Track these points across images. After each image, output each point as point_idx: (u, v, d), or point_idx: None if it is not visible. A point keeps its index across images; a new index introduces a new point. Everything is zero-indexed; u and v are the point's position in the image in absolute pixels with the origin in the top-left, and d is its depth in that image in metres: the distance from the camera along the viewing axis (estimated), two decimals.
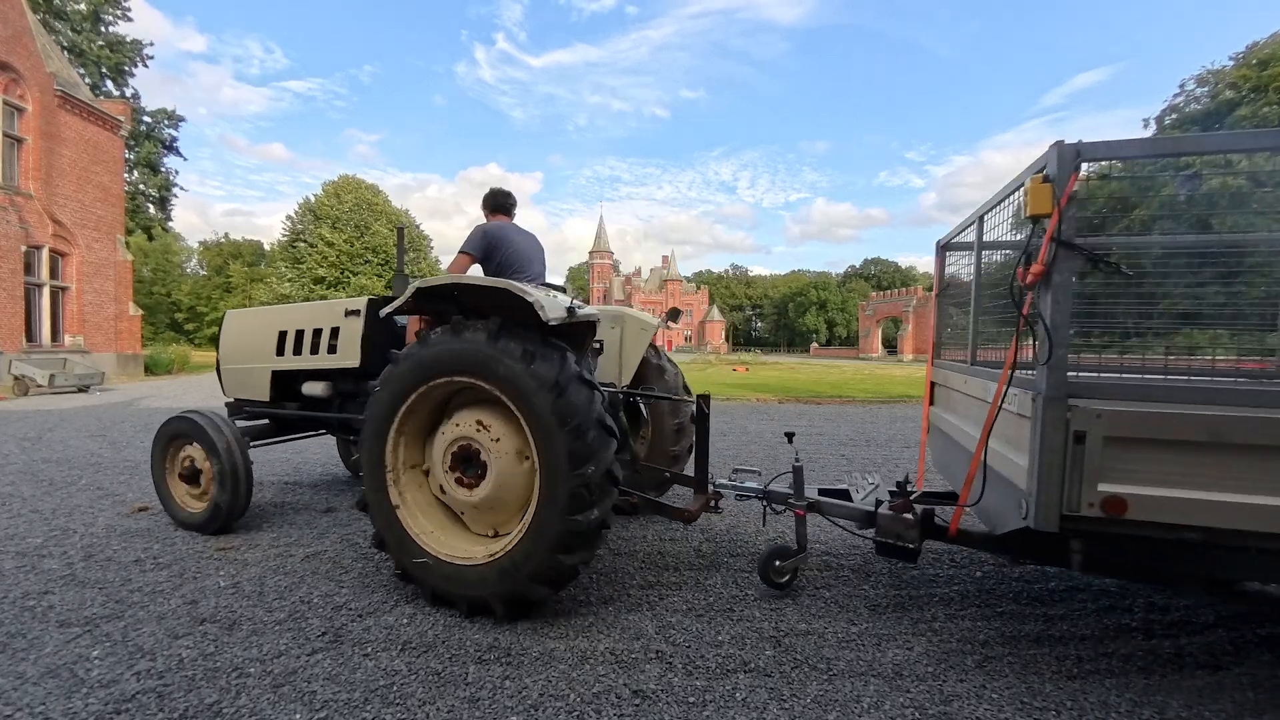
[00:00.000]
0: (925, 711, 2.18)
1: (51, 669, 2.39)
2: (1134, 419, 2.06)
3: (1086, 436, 2.08)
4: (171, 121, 29.51)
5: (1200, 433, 2.00)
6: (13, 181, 16.04)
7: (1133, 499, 2.05)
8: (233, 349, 4.67)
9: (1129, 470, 2.07)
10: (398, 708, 2.17)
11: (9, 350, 15.20)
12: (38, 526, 4.17)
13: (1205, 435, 1.99)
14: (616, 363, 4.20)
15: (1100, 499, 2.07)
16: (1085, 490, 2.09)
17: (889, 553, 2.95)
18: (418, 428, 3.15)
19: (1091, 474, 2.08)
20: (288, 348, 4.31)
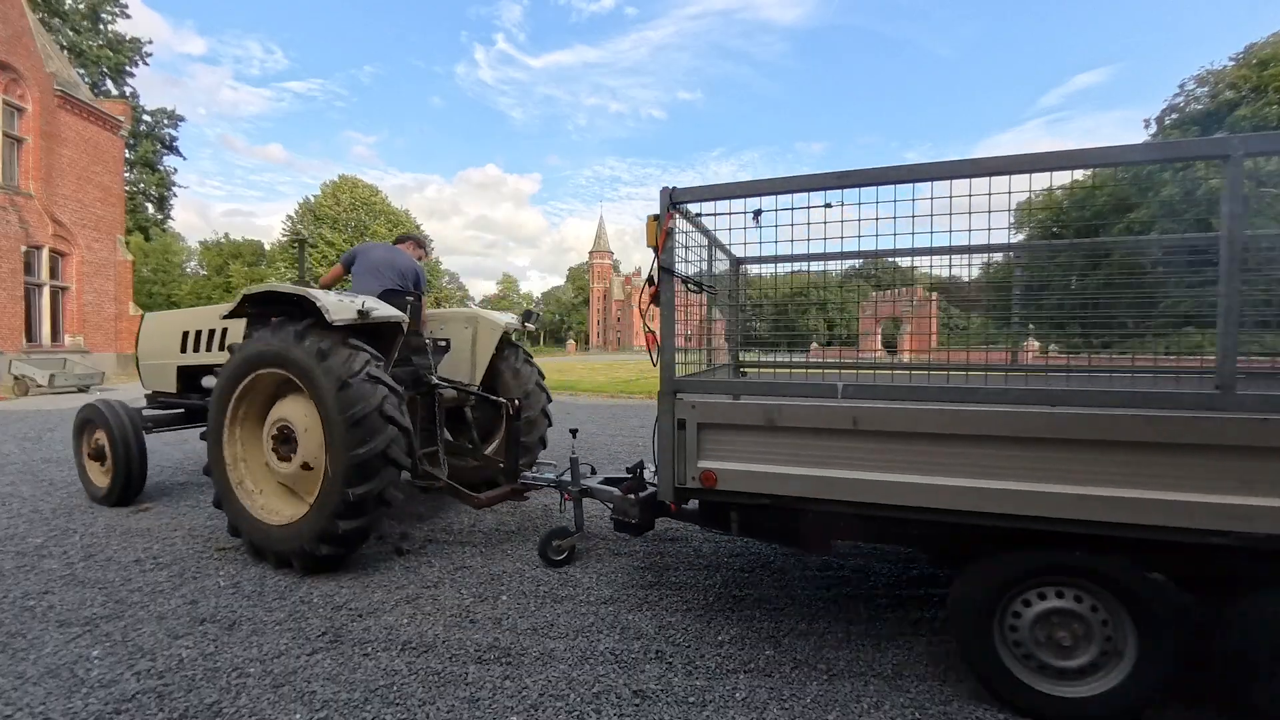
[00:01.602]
0: (925, 711, 2.18)
1: (51, 669, 2.39)
2: (717, 408, 2.52)
3: (686, 424, 2.52)
4: (171, 121, 29.49)
5: (759, 418, 2.43)
6: (13, 181, 16.05)
7: (720, 473, 2.51)
8: (148, 347, 5.30)
9: (717, 450, 2.52)
10: (398, 708, 2.17)
11: (9, 350, 15.20)
12: (38, 526, 4.17)
13: (763, 420, 2.42)
14: (469, 360, 4.65)
15: (699, 473, 2.53)
16: (689, 467, 2.54)
17: (620, 528, 3.27)
18: (254, 409, 3.74)
19: (692, 454, 2.53)
20: (189, 346, 4.87)
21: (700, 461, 2.53)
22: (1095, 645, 2.12)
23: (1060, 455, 2.07)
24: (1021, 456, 2.11)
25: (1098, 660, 2.12)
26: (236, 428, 3.72)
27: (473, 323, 4.71)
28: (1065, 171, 2.21)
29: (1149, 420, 1.97)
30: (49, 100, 16.81)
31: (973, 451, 2.16)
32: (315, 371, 3.25)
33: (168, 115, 29.37)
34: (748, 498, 2.52)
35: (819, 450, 2.36)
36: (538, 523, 4.34)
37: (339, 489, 3.17)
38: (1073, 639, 2.13)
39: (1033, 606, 2.18)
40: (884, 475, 2.27)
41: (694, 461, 2.53)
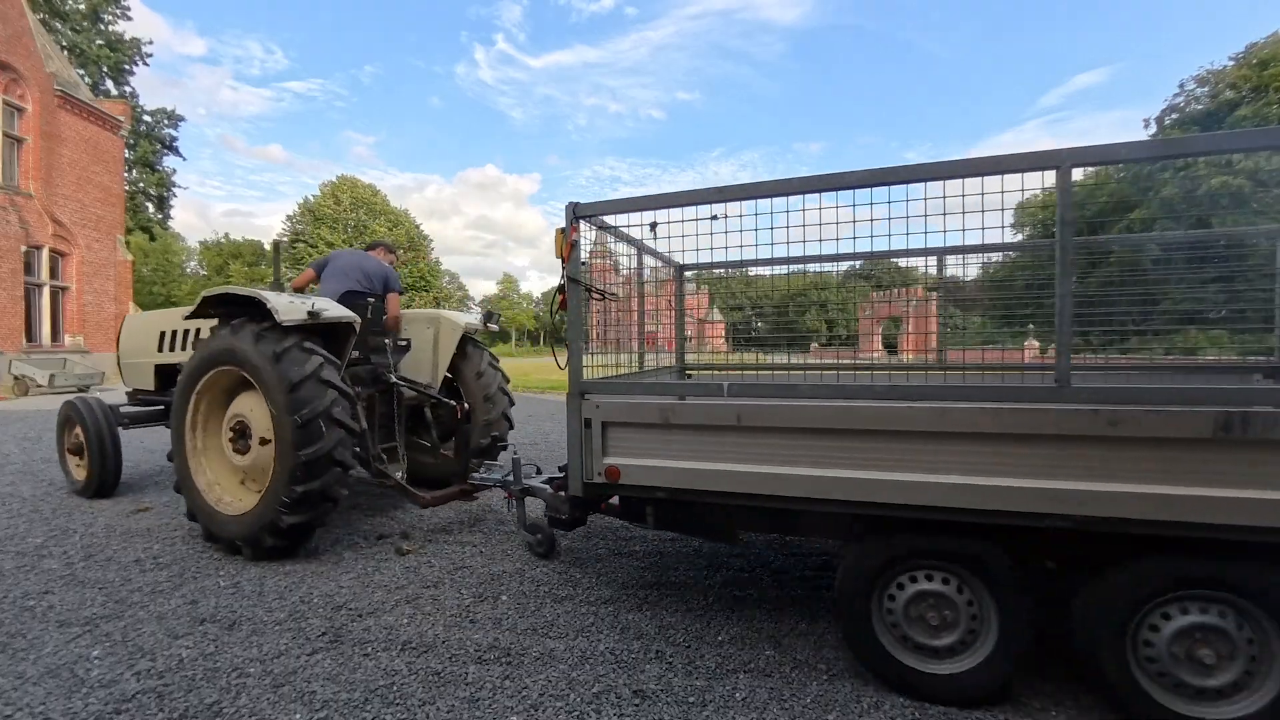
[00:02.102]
0: (925, 711, 2.18)
1: (51, 669, 2.39)
2: (619, 408, 2.67)
3: (592, 422, 2.68)
4: (171, 121, 29.47)
5: (656, 416, 2.58)
6: (13, 181, 16.05)
7: (623, 468, 2.66)
8: (128, 346, 5.51)
9: (620, 446, 2.68)
10: (398, 708, 2.17)
11: (9, 350, 15.21)
12: (38, 526, 4.17)
13: (659, 418, 2.58)
14: (430, 360, 4.83)
15: (604, 468, 2.68)
16: (595, 462, 2.70)
17: (554, 524, 3.44)
18: (214, 404, 3.96)
19: (597, 450, 2.69)
20: (165, 345, 5.06)
21: (605, 458, 2.69)
22: (960, 622, 2.25)
23: (918, 446, 2.21)
24: (886, 448, 2.25)
25: (965, 638, 2.25)
26: (198, 421, 3.96)
27: (434, 323, 4.88)
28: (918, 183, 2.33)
29: (992, 412, 2.11)
30: (49, 100, 16.81)
31: (840, 444, 2.32)
32: (266, 371, 3.42)
33: (167, 115, 29.36)
34: (644, 490, 2.69)
35: (709, 445, 2.52)
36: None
37: (284, 485, 3.37)
38: (941, 619, 2.26)
39: (905, 589, 2.31)
40: (766, 468, 2.42)
41: (599, 457, 2.69)
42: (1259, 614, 1.93)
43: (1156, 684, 2.02)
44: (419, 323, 4.94)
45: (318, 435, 3.37)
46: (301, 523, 3.47)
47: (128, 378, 5.56)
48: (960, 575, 2.27)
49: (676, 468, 2.57)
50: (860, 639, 2.37)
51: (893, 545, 2.34)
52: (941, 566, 2.29)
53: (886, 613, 2.35)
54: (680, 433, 2.57)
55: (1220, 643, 1.95)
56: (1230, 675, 1.95)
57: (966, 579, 2.25)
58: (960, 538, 2.25)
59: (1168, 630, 2.01)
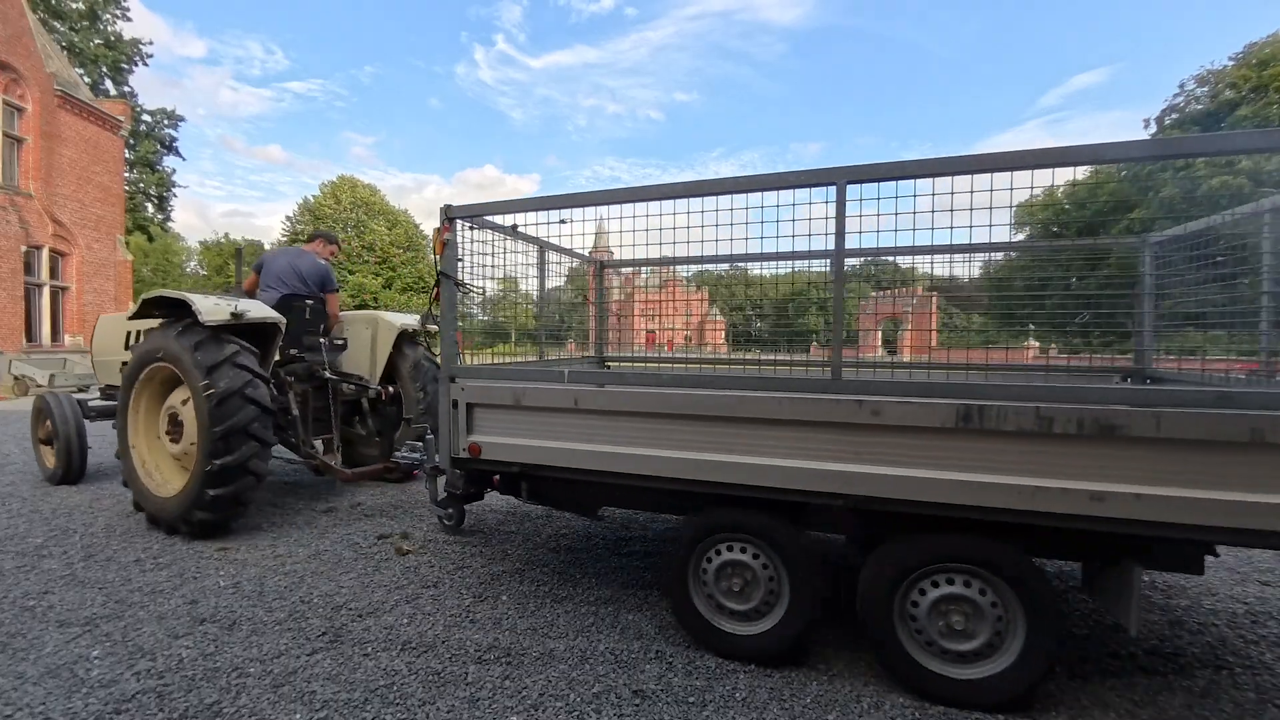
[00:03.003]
0: (925, 711, 2.18)
1: (51, 669, 2.39)
2: (480, 391, 2.96)
3: (458, 404, 2.98)
4: (171, 121, 29.43)
5: (510, 399, 2.87)
6: (13, 181, 16.03)
7: (483, 444, 2.96)
8: (99, 345, 5.87)
9: (481, 426, 2.99)
10: (398, 708, 2.17)
11: (9, 350, 15.20)
12: (38, 526, 4.17)
13: (513, 401, 2.87)
14: (369, 357, 5.23)
15: (468, 445, 2.98)
16: (460, 440, 3.00)
17: (452, 499, 3.70)
18: (154, 398, 4.34)
19: (463, 429, 2.99)
20: (130, 343, 5.27)
21: (469, 436, 2.99)
22: (760, 589, 2.52)
23: (721, 430, 2.47)
24: (695, 431, 2.52)
25: (767, 600, 2.52)
26: (139, 413, 4.34)
27: (372, 324, 5.29)
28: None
29: (779, 401, 2.36)
30: (49, 100, 16.79)
31: (660, 427, 2.57)
32: (187, 361, 3.81)
33: (167, 115, 29.32)
34: (501, 465, 2.98)
35: (553, 425, 2.80)
36: (539, 524, 4.34)
37: (206, 463, 3.70)
38: (744, 586, 2.54)
39: (721, 557, 2.58)
40: (601, 447, 2.68)
41: (464, 435, 3.00)
42: (1003, 586, 2.18)
43: (920, 647, 2.29)
44: (358, 323, 5.34)
45: (232, 411, 3.71)
46: (224, 495, 3.76)
47: (100, 375, 5.96)
48: (759, 547, 2.54)
49: (527, 445, 2.86)
50: (679, 603, 2.66)
51: (705, 520, 2.62)
52: (743, 539, 2.56)
53: (701, 579, 2.63)
54: (529, 414, 2.85)
55: (970, 611, 2.22)
56: (979, 640, 2.21)
57: (764, 550, 2.53)
58: (756, 513, 2.51)
59: (928, 600, 2.27)
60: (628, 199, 2.80)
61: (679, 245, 3.02)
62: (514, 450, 2.90)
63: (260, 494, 5.02)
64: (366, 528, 4.22)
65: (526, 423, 2.86)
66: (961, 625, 2.21)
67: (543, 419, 2.81)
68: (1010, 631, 2.19)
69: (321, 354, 4.78)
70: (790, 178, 2.45)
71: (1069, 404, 2.03)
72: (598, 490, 3.00)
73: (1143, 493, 1.95)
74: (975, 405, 2.08)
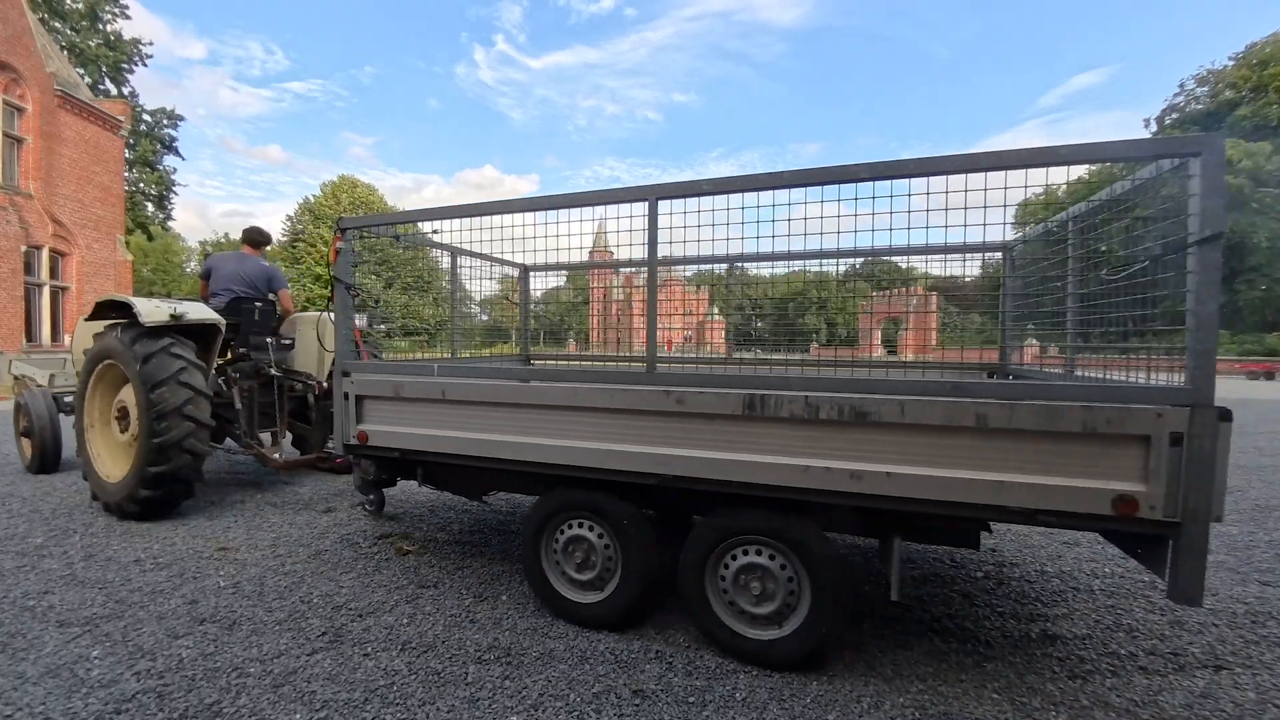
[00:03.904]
0: (925, 711, 2.18)
1: (51, 669, 2.39)
2: (365, 384, 3.25)
3: (349, 396, 3.28)
4: (171, 121, 29.43)
5: (390, 391, 3.16)
6: (13, 181, 16.03)
7: (370, 432, 3.25)
8: (78, 346, 6.03)
9: (369, 416, 3.28)
10: (398, 708, 2.17)
11: (9, 350, 15.19)
12: (38, 526, 4.17)
13: (392, 392, 3.16)
14: (316, 355, 5.43)
15: (357, 433, 3.27)
16: (351, 428, 3.29)
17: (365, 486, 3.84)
18: (106, 394, 4.74)
19: (353, 419, 3.28)
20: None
21: (358, 425, 3.28)
22: (599, 561, 2.78)
23: (559, 418, 2.73)
24: (541, 419, 2.77)
25: (605, 573, 2.77)
26: (94, 408, 4.76)
27: (317, 324, 5.50)
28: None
29: (604, 392, 2.62)
30: (49, 100, 16.79)
31: (512, 416, 2.85)
32: (127, 355, 4.17)
33: (167, 115, 29.32)
34: (385, 451, 3.25)
35: (427, 414, 3.09)
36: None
37: (145, 447, 4.06)
38: (584, 555, 2.81)
39: (567, 533, 2.84)
40: (467, 434, 2.95)
41: (354, 424, 3.28)
42: (793, 557, 2.43)
43: (727, 611, 2.55)
44: (306, 323, 5.55)
45: (167, 395, 4.07)
46: (164, 472, 4.11)
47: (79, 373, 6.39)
48: (598, 523, 2.79)
49: (405, 432, 3.15)
50: (532, 572, 2.92)
51: (553, 499, 2.88)
52: (585, 517, 2.82)
53: (550, 552, 2.91)
54: (406, 404, 3.14)
55: (767, 579, 2.47)
56: (775, 605, 2.46)
57: (601, 526, 2.77)
58: (595, 492, 2.76)
59: (733, 568, 2.53)
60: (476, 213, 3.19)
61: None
62: (394, 437, 3.19)
63: (261, 494, 5.05)
64: (366, 528, 4.22)
65: (404, 412, 3.16)
66: (759, 591, 2.48)
67: (418, 409, 3.11)
68: (800, 597, 2.44)
69: (268, 353, 5.10)
70: (608, 194, 2.74)
71: (831, 393, 2.28)
72: (473, 474, 3.24)
73: (892, 471, 2.19)
74: (758, 394, 2.35)
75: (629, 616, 2.73)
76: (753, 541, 2.50)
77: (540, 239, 3.25)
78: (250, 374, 5.01)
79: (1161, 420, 1.91)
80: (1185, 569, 1.94)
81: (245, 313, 5.03)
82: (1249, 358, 28.84)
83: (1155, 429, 1.92)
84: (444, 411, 3.03)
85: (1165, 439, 1.91)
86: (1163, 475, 1.91)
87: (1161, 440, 1.91)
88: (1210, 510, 1.90)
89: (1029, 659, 2.56)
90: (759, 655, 2.45)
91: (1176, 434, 1.90)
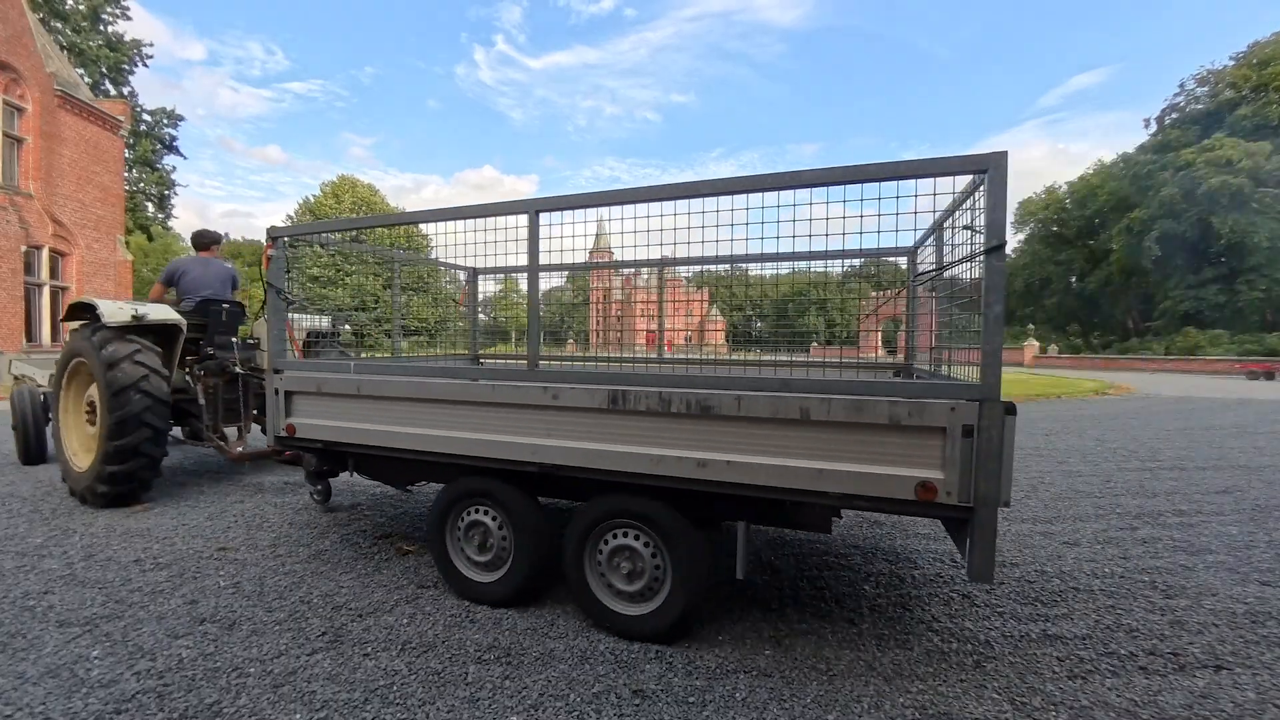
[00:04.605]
0: (925, 711, 2.18)
1: (51, 669, 2.39)
2: (293, 380, 3.48)
3: (279, 392, 3.50)
4: (171, 121, 29.41)
5: (313, 386, 3.41)
6: (13, 181, 16.03)
7: (297, 425, 3.48)
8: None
9: (295, 410, 3.51)
10: (398, 708, 2.17)
11: (9, 350, 15.19)
12: (38, 526, 4.17)
13: (315, 388, 3.41)
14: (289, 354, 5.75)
15: (285, 426, 3.49)
16: (280, 421, 3.51)
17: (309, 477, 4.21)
18: (78, 388, 5.09)
19: (282, 413, 3.51)
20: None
21: (286, 418, 3.51)
22: (495, 543, 3.00)
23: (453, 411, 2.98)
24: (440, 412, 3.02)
25: (500, 554, 3.00)
26: (68, 404, 5.12)
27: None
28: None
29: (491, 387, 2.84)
30: (49, 100, 16.78)
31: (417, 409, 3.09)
32: (94, 357, 4.42)
33: (167, 115, 29.29)
34: (309, 442, 3.49)
35: (345, 409, 3.33)
36: None
37: (107, 443, 4.35)
38: (482, 538, 3.04)
39: (468, 518, 3.08)
40: (381, 426, 3.20)
41: (283, 418, 3.51)
42: (657, 539, 2.64)
43: (604, 589, 2.76)
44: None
45: (128, 400, 4.34)
46: (119, 471, 4.41)
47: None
48: (492, 509, 3.01)
49: (326, 425, 3.38)
50: (438, 556, 3.15)
51: (455, 487, 3.10)
52: (482, 503, 3.04)
53: (454, 536, 3.13)
54: (328, 399, 3.38)
55: (636, 560, 2.68)
56: (643, 583, 2.67)
57: (496, 511, 3.00)
58: (490, 480, 2.98)
59: (607, 550, 2.74)
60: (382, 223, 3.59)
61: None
62: (317, 429, 3.43)
63: (261, 494, 5.05)
64: (366, 528, 4.22)
65: (325, 407, 3.40)
66: (629, 570, 2.70)
67: (337, 403, 3.35)
68: (664, 576, 2.64)
69: (233, 351, 5.39)
70: (490, 208, 2.99)
71: (683, 389, 2.47)
72: (396, 465, 3.43)
73: (732, 460, 2.38)
74: (621, 390, 2.55)
75: (521, 595, 2.95)
76: (622, 525, 2.71)
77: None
78: (216, 371, 5.28)
79: (955, 413, 2.08)
80: (978, 550, 2.09)
81: (214, 313, 5.35)
82: (1249, 358, 28.83)
83: (950, 421, 2.08)
84: (358, 406, 3.28)
85: (959, 430, 2.07)
86: (957, 463, 2.08)
87: (955, 431, 2.08)
88: (999, 496, 2.05)
89: (1029, 659, 2.56)
90: (631, 630, 2.66)
91: (968, 426, 2.06)
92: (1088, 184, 46.04)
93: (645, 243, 2.89)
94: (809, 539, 4.04)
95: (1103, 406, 13.25)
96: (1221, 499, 5.27)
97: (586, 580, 2.77)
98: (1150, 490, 5.57)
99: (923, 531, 4.27)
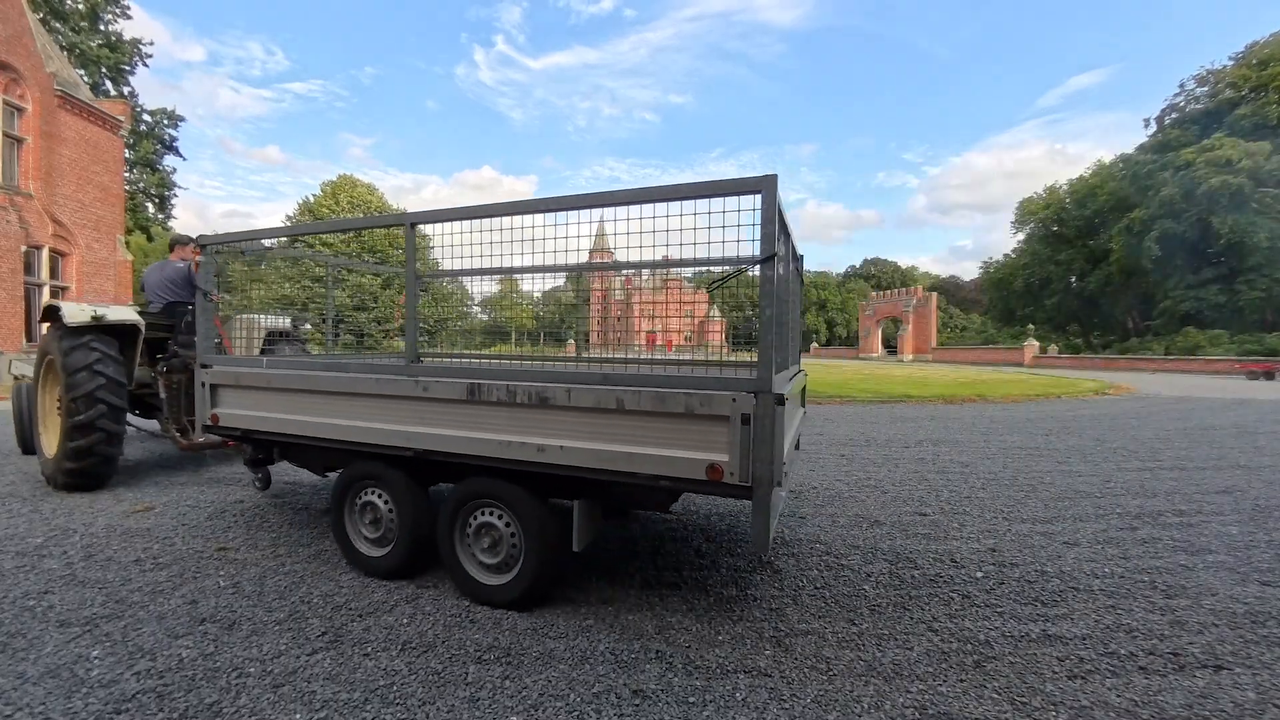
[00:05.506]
0: (925, 711, 2.18)
1: (51, 669, 2.39)
2: (219, 375, 3.83)
3: (206, 384, 3.88)
4: (171, 121, 29.40)
5: (233, 380, 3.78)
6: (13, 181, 16.03)
7: (221, 415, 3.84)
8: None
9: (219, 401, 3.88)
10: (398, 708, 2.17)
11: (9, 350, 15.19)
12: (38, 526, 4.17)
13: (234, 381, 3.78)
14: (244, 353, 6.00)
15: (210, 415, 3.87)
16: (207, 411, 3.88)
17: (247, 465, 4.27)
18: (53, 384, 5.49)
19: (208, 403, 3.89)
20: None
21: (212, 409, 3.87)
22: (385, 523, 3.31)
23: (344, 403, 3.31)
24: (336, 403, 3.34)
25: (387, 533, 3.31)
26: (44, 397, 5.65)
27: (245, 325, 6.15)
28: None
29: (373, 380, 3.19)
30: (49, 100, 16.78)
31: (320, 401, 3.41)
32: (55, 350, 4.95)
33: (167, 115, 29.29)
34: (231, 430, 3.81)
35: (258, 400, 3.67)
36: None
37: (67, 430, 4.82)
38: (375, 519, 3.35)
39: (363, 498, 3.40)
40: (293, 416, 3.50)
41: (209, 408, 3.87)
42: (513, 517, 2.92)
43: (471, 562, 3.06)
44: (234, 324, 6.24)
45: (82, 382, 4.79)
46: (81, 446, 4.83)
47: None
48: (382, 490, 3.33)
49: (245, 414, 3.73)
50: (337, 530, 3.47)
51: (350, 470, 3.43)
52: (373, 485, 3.37)
53: (351, 514, 3.45)
54: (245, 391, 3.73)
55: (496, 534, 2.98)
56: (502, 555, 2.96)
57: (386, 492, 3.30)
58: (376, 464, 3.30)
59: (473, 527, 3.04)
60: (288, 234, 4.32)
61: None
62: (236, 419, 3.76)
63: (261, 495, 5.05)
64: None
65: (244, 398, 3.74)
66: (489, 544, 3.00)
67: (252, 395, 3.69)
68: (520, 550, 2.91)
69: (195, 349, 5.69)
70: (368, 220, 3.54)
71: (527, 382, 2.77)
72: (311, 451, 3.70)
73: (565, 445, 2.67)
74: (477, 383, 2.86)
75: (406, 569, 3.25)
76: (485, 504, 3.01)
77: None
78: (179, 369, 5.66)
79: (736, 404, 2.36)
80: (756, 524, 2.40)
81: (179, 314, 5.72)
82: (1249, 358, 28.82)
83: (732, 410, 2.37)
84: (270, 398, 3.61)
85: (739, 419, 2.35)
86: (737, 448, 2.35)
87: (736, 419, 2.36)
88: (773, 477, 2.33)
89: (1029, 659, 2.57)
90: (495, 598, 2.94)
91: (746, 415, 2.34)
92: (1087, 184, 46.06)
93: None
94: (809, 539, 4.04)
95: (1102, 406, 13.24)
96: (1221, 499, 5.27)
97: (457, 555, 3.06)
98: (1150, 490, 5.57)
99: (923, 532, 4.27)
